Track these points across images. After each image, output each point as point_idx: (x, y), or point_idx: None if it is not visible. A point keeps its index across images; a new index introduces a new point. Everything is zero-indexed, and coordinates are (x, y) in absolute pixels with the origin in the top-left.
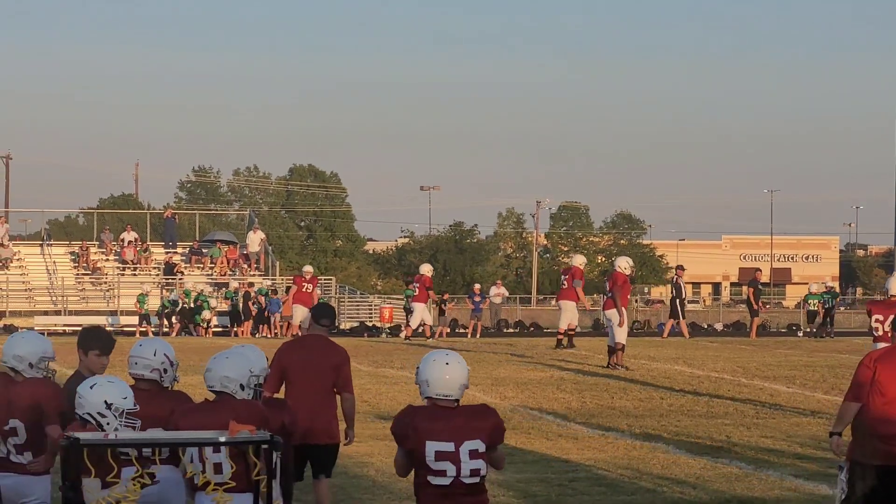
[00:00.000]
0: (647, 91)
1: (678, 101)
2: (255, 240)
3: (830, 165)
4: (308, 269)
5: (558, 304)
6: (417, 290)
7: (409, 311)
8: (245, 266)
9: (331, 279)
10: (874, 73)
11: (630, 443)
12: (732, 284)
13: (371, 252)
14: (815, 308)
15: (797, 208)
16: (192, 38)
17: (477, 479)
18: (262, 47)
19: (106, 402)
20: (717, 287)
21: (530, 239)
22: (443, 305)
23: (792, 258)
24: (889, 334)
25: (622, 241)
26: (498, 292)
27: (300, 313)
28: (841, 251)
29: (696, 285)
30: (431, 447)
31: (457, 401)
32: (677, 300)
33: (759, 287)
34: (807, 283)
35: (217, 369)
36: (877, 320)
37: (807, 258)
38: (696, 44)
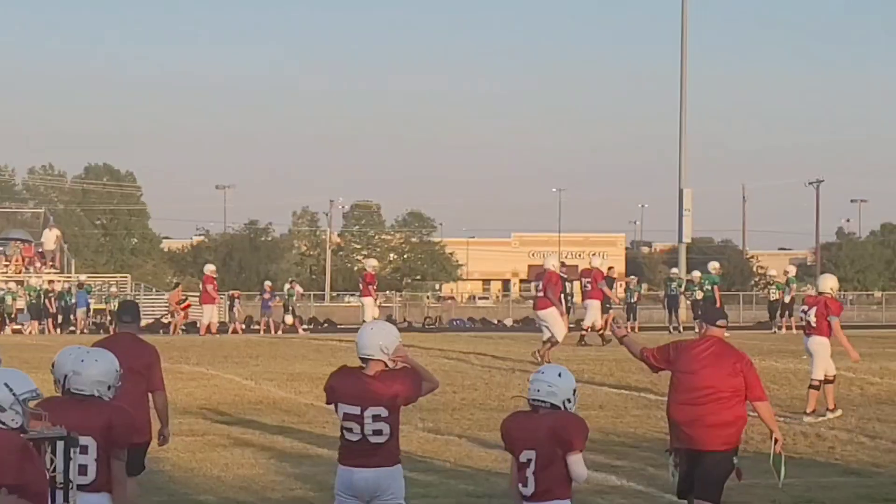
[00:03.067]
0: (431, 91)
1: (471, 102)
2: (50, 238)
3: (617, 165)
4: (373, 262)
5: (584, 303)
6: (590, 286)
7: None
8: (40, 264)
9: (126, 277)
10: (656, 74)
11: (423, 436)
12: (522, 281)
13: (167, 250)
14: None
15: (585, 207)
16: None
17: (380, 439)
18: (55, 45)
19: None
20: (506, 284)
21: (324, 237)
22: (233, 303)
23: (580, 255)
24: (810, 325)
25: (413, 240)
26: (292, 290)
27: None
28: (627, 248)
29: (487, 282)
30: (341, 409)
31: (380, 360)
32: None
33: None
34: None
35: (88, 372)
36: (802, 310)
37: (594, 255)
38: (480, 46)
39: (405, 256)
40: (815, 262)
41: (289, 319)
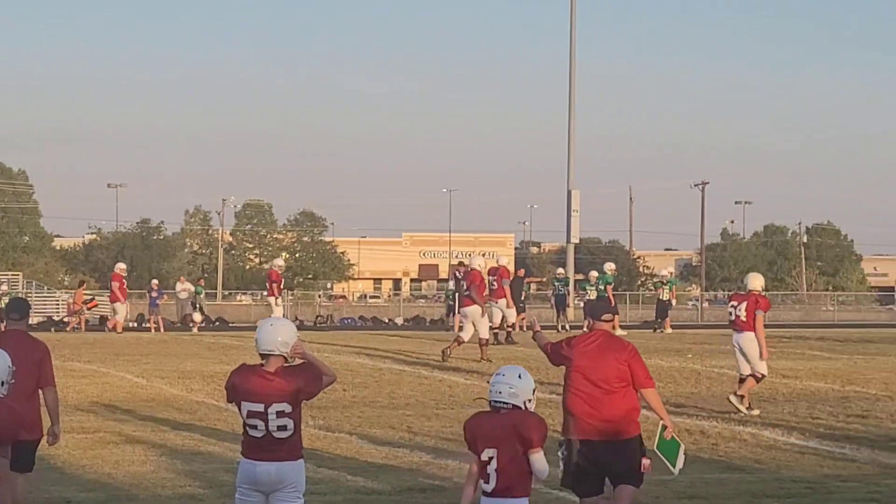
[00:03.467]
0: (324, 91)
1: (363, 102)
2: None
3: (506, 166)
4: (280, 261)
5: (490, 302)
6: (497, 283)
7: (451, 309)
8: None
9: (18, 275)
10: (546, 77)
11: (314, 433)
12: (412, 280)
13: (58, 248)
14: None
15: (475, 207)
16: None
17: (284, 434)
18: None
19: None
20: (397, 283)
21: (216, 236)
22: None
23: (470, 255)
24: (740, 319)
25: (305, 239)
26: (183, 288)
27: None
28: (516, 248)
29: (378, 281)
30: (245, 407)
31: (280, 355)
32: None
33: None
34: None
35: None
36: (731, 306)
37: (484, 255)
38: (374, 45)
39: (297, 255)
40: (700, 262)
41: (197, 317)
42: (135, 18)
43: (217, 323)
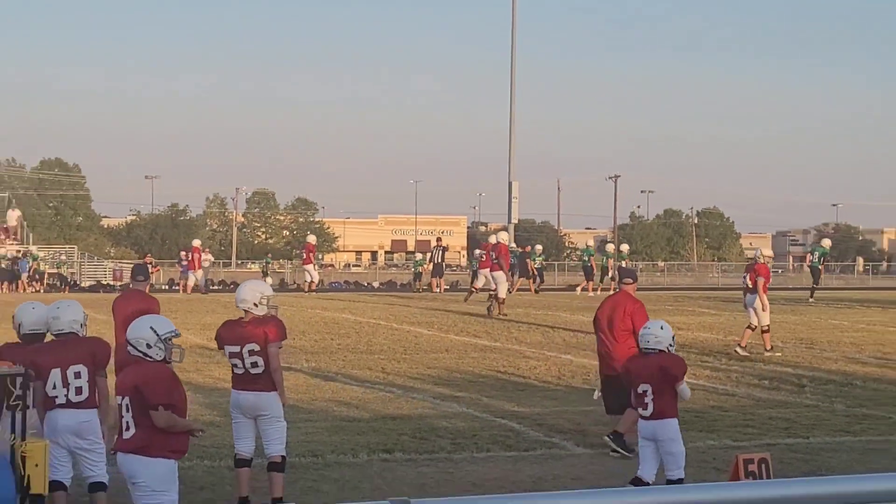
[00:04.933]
0: (315, 99)
1: (347, 106)
2: (12, 217)
3: (460, 161)
4: (313, 237)
5: (493, 275)
6: (484, 256)
7: (475, 274)
8: (4, 237)
9: (73, 248)
10: (491, 82)
11: (307, 374)
12: (386, 252)
13: (105, 227)
14: (420, 271)
15: (435, 194)
16: None
17: (258, 370)
18: (20, 67)
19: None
20: (374, 255)
21: (231, 217)
22: (150, 268)
23: (431, 232)
24: (749, 288)
25: (301, 220)
26: (206, 258)
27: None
28: (468, 227)
29: (359, 253)
30: (227, 349)
31: (246, 311)
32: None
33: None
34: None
35: (64, 315)
36: (743, 277)
37: (443, 233)
38: (326, 47)
39: (294, 233)
40: (613, 239)
41: (269, 280)
42: (176, 50)
43: (232, 286)
